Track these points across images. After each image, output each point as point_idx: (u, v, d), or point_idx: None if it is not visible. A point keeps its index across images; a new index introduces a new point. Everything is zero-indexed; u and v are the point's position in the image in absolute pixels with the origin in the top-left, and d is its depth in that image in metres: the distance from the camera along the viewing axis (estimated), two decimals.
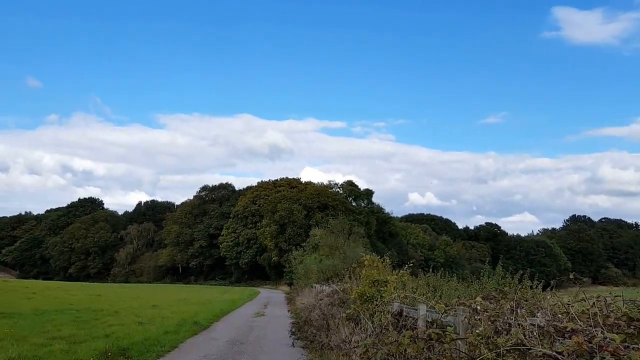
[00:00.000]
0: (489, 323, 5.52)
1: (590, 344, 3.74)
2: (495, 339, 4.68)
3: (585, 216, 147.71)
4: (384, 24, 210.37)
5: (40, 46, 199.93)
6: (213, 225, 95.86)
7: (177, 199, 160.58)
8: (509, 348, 4.37)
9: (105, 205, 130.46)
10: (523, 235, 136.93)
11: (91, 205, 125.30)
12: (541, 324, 4.85)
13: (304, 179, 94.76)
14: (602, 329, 4.13)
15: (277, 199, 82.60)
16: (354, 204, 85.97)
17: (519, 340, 4.35)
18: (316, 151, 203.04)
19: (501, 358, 4.40)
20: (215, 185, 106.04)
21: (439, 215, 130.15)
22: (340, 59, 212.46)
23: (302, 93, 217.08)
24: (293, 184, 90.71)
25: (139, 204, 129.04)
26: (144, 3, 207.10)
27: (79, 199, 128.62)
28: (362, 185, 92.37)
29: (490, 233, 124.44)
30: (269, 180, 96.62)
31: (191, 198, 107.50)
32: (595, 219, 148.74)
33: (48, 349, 10.88)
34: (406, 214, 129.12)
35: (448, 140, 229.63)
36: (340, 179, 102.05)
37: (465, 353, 5.15)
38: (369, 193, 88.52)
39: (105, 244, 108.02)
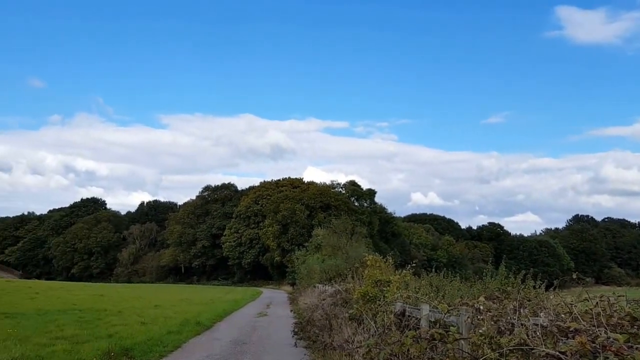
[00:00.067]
0: (492, 323, 5.52)
1: (594, 344, 3.74)
2: (498, 339, 4.67)
3: (588, 216, 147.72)
4: (386, 23, 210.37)
5: (42, 46, 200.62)
6: (215, 225, 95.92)
7: (180, 199, 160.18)
8: (512, 348, 4.37)
9: (107, 206, 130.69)
10: (526, 235, 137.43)
11: (94, 205, 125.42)
12: (544, 324, 4.85)
13: (306, 179, 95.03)
14: (606, 328, 4.13)
15: (280, 199, 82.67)
16: (356, 203, 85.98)
17: (522, 340, 4.35)
18: (318, 151, 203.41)
19: (504, 358, 4.39)
20: (217, 185, 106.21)
21: (441, 215, 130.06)
22: (342, 59, 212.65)
23: (304, 93, 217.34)
24: (295, 184, 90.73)
25: (142, 204, 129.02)
26: (146, 3, 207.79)
27: (81, 199, 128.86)
28: (365, 185, 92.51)
29: (493, 233, 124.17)
30: (272, 180, 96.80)
31: (194, 198, 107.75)
32: (599, 218, 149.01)
33: (51, 349, 10.90)
34: (409, 213, 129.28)
35: (450, 140, 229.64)
36: (342, 179, 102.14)
37: (468, 353, 5.15)
38: (371, 193, 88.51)
39: (107, 244, 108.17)
